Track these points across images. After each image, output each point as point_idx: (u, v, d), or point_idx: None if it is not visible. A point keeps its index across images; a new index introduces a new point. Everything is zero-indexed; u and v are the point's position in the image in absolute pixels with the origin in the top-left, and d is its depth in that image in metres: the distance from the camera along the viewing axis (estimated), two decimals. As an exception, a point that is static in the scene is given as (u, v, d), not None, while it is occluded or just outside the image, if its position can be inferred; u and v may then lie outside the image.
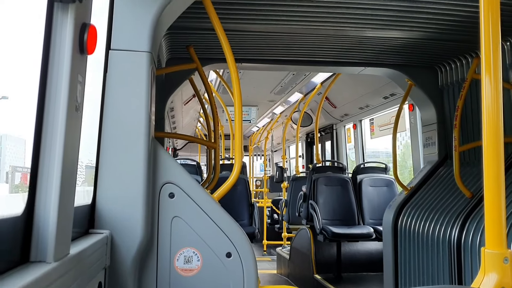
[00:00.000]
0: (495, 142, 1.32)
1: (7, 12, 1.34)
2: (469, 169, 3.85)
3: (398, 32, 3.48)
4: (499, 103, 1.38)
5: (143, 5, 2.11)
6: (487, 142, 1.33)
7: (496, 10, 1.38)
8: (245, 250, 2.23)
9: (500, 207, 1.29)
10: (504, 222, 1.29)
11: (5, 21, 1.34)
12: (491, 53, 1.39)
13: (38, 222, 1.33)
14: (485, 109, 1.38)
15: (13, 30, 1.36)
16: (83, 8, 1.42)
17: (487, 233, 1.29)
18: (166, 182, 2.22)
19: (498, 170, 1.30)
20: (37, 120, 1.36)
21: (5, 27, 1.34)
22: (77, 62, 1.40)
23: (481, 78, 1.39)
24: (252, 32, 3.54)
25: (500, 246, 1.28)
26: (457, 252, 3.33)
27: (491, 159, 1.31)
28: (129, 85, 2.09)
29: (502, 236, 1.28)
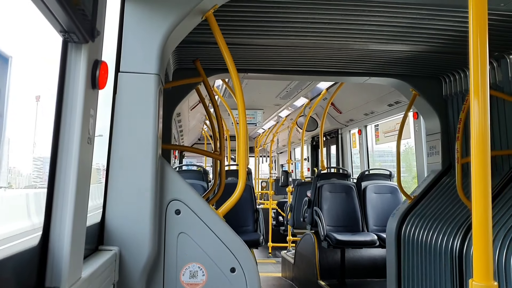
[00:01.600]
0: (482, 176, 1.36)
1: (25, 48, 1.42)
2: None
3: (402, 46, 3.52)
4: (486, 126, 1.40)
5: (151, 29, 2.18)
6: (475, 179, 1.36)
7: (484, 31, 1.42)
8: (249, 265, 2.29)
9: (487, 240, 1.33)
10: (491, 254, 1.34)
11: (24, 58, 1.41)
12: (479, 73, 1.41)
13: (52, 250, 1.40)
14: (474, 131, 1.40)
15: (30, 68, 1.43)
16: (95, 46, 1.49)
17: (475, 265, 1.34)
18: (172, 199, 2.29)
19: (486, 202, 1.35)
20: (52, 151, 1.44)
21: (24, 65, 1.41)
22: (89, 97, 1.47)
23: (470, 99, 1.42)
24: (257, 46, 3.60)
25: (487, 279, 1.33)
26: (458, 262, 3.37)
27: (479, 193, 1.35)
28: (137, 106, 2.17)
29: (489, 268, 1.33)
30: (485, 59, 1.40)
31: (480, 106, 1.39)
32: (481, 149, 1.38)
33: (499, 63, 3.67)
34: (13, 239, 2.84)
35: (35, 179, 5.00)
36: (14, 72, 1.32)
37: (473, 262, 1.34)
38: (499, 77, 3.67)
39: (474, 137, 1.38)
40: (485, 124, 1.38)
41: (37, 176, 4.96)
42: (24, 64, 1.42)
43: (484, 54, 1.40)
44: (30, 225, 3.58)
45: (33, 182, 4.99)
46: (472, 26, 1.42)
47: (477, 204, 1.34)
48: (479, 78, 1.40)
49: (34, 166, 4.66)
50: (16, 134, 1.56)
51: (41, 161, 4.57)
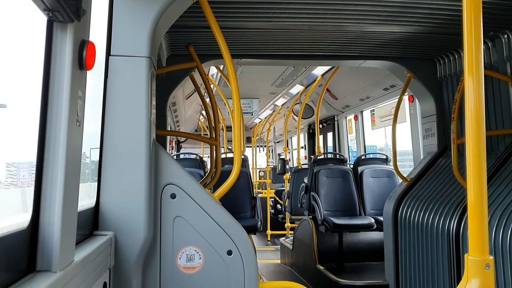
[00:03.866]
0: (478, 154, 1.35)
1: (7, 29, 1.39)
2: None
3: (396, 27, 3.50)
4: (481, 106, 1.40)
5: (141, 11, 2.15)
6: (471, 156, 1.36)
7: (478, 10, 1.40)
8: (245, 248, 2.30)
9: (482, 215, 1.33)
10: (486, 230, 1.34)
11: (6, 37, 1.39)
12: (473, 53, 1.40)
13: (43, 233, 1.39)
14: (469, 113, 1.40)
15: (14, 46, 1.41)
16: (82, 26, 1.47)
17: (471, 240, 1.34)
18: (167, 183, 2.29)
19: (481, 180, 1.34)
20: (40, 133, 1.42)
21: (7, 44, 1.39)
22: (77, 78, 1.45)
23: (464, 80, 1.42)
24: (251, 29, 3.57)
25: (482, 253, 1.32)
26: (455, 242, 3.39)
27: (475, 169, 1.35)
28: (129, 89, 2.15)
29: (484, 243, 1.32)
30: (479, 39, 1.39)
31: (475, 86, 1.38)
32: (477, 128, 1.37)
33: (493, 43, 3.65)
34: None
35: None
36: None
37: (469, 236, 1.34)
38: (493, 57, 3.66)
39: (469, 117, 1.38)
40: (480, 104, 1.38)
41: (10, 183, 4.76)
42: (8, 46, 1.39)
43: (478, 33, 1.39)
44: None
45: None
46: (466, 5, 1.41)
47: (472, 181, 1.34)
48: (473, 58, 1.39)
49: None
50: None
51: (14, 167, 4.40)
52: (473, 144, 1.37)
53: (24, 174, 4.32)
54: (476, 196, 1.35)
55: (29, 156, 1.59)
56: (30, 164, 2.89)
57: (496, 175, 3.47)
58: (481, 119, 1.37)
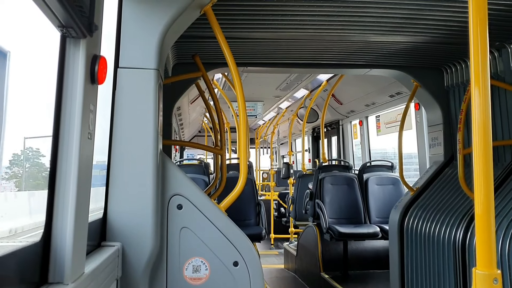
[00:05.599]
0: (485, 165, 1.35)
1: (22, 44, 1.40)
2: None
3: (402, 37, 3.49)
4: (488, 117, 1.39)
5: (149, 24, 2.16)
6: (477, 169, 1.35)
7: (484, 21, 1.40)
8: (251, 259, 2.30)
9: (490, 229, 1.33)
10: (494, 243, 1.34)
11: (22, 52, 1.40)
12: (480, 64, 1.40)
13: (55, 245, 1.40)
14: (476, 122, 1.40)
15: (29, 62, 1.41)
16: (94, 41, 1.47)
17: (478, 254, 1.34)
18: (174, 194, 2.29)
19: (488, 193, 1.34)
20: (53, 147, 1.43)
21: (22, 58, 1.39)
22: (88, 92, 1.46)
23: (471, 89, 1.42)
24: (257, 39, 3.57)
25: (490, 267, 1.33)
26: (461, 253, 3.37)
27: (481, 181, 1.35)
28: (137, 101, 2.15)
29: (492, 257, 1.33)
30: (485, 49, 1.39)
31: (481, 96, 1.38)
32: (483, 139, 1.38)
33: (500, 53, 3.64)
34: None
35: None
36: (13, 67, 1.30)
37: (476, 250, 1.34)
38: (500, 67, 3.65)
39: (476, 127, 1.38)
40: (487, 114, 1.38)
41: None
42: (22, 60, 1.40)
43: (484, 43, 1.39)
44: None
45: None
46: (472, 15, 1.41)
47: (479, 192, 1.34)
48: (479, 68, 1.39)
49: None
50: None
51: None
52: (480, 155, 1.37)
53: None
54: (483, 208, 1.35)
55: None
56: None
57: (503, 185, 3.45)
58: (488, 129, 1.38)
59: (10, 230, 2.22)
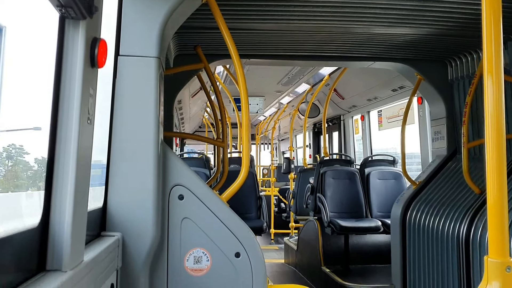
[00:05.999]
0: (498, 151, 1.32)
1: (20, 26, 1.36)
2: (478, 164, 3.84)
3: (406, 29, 3.45)
4: (501, 105, 1.37)
5: (150, 11, 2.12)
6: (490, 154, 1.33)
7: (498, 10, 1.37)
8: (253, 250, 2.27)
9: (503, 217, 1.31)
10: (507, 232, 1.31)
11: (19, 34, 1.36)
12: (493, 52, 1.38)
13: (53, 232, 1.37)
14: (488, 110, 1.38)
15: (26, 44, 1.38)
16: (94, 23, 1.44)
17: (490, 242, 1.32)
18: (175, 184, 2.26)
19: (501, 182, 1.31)
20: (51, 132, 1.40)
21: (19, 40, 1.36)
22: (88, 75, 1.42)
23: (484, 78, 1.39)
24: (259, 30, 3.53)
25: (503, 255, 1.31)
26: (465, 248, 3.35)
27: (495, 170, 1.32)
28: (138, 90, 2.12)
29: (505, 245, 1.30)
30: (499, 38, 1.36)
31: (495, 86, 1.36)
32: (496, 129, 1.35)
33: (506, 46, 3.60)
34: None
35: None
36: (8, 43, 1.27)
37: (488, 238, 1.32)
38: (505, 60, 3.60)
39: (489, 118, 1.36)
40: (500, 105, 1.36)
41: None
42: (19, 35, 1.36)
43: (498, 33, 1.37)
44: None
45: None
46: (486, 6, 1.37)
47: (492, 179, 1.31)
48: (493, 58, 1.36)
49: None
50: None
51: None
52: (492, 144, 1.35)
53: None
54: (496, 197, 1.34)
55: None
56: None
57: (509, 179, 3.42)
58: (501, 120, 1.36)
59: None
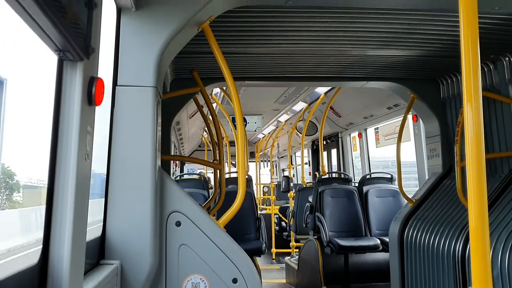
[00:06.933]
0: (478, 180, 1.35)
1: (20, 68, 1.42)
2: None
3: (398, 51, 3.53)
4: (480, 130, 1.39)
5: (147, 43, 2.19)
6: (471, 184, 1.35)
7: (475, 36, 1.41)
8: (250, 275, 2.29)
9: (485, 246, 1.32)
10: (489, 261, 1.33)
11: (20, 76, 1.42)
12: (471, 78, 1.40)
13: (52, 268, 1.40)
14: (468, 136, 1.39)
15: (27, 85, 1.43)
16: (91, 63, 1.50)
17: (473, 272, 1.33)
18: (172, 211, 2.30)
19: (482, 212, 1.34)
20: (50, 168, 1.44)
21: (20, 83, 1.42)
22: (86, 113, 1.48)
23: (463, 104, 1.42)
24: (254, 54, 3.61)
25: (486, 285, 1.32)
26: (461, 265, 3.36)
27: (475, 198, 1.34)
28: (135, 119, 2.17)
29: (487, 275, 1.32)
30: (476, 63, 1.40)
31: (474, 110, 1.39)
32: (476, 154, 1.37)
33: (495, 65, 3.67)
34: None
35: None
36: (10, 94, 1.32)
37: (472, 268, 1.33)
38: (495, 79, 3.68)
39: (469, 141, 1.38)
40: (479, 128, 1.38)
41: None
42: (19, 86, 1.42)
43: (475, 57, 1.40)
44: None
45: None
46: (463, 30, 1.42)
47: (474, 211, 1.34)
48: (471, 82, 1.40)
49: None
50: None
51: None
52: (473, 171, 1.36)
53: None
54: (477, 226, 1.34)
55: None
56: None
57: (501, 197, 3.45)
58: (480, 145, 1.37)
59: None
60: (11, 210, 3.74)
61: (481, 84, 1.50)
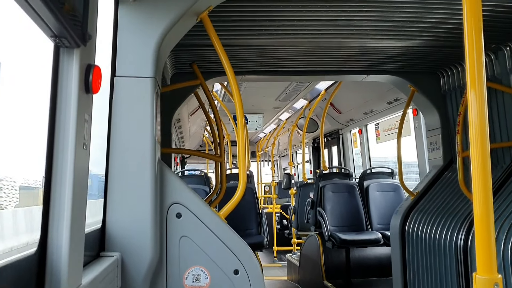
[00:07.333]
0: (483, 169, 1.34)
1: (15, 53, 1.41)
2: None
3: (399, 41, 3.52)
4: (485, 119, 1.38)
5: (145, 33, 2.18)
6: (475, 172, 1.35)
7: (479, 24, 1.40)
8: (252, 267, 2.28)
9: (489, 232, 1.31)
10: (494, 247, 1.32)
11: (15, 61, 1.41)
12: (475, 66, 1.39)
13: (51, 257, 1.39)
14: (472, 124, 1.39)
15: (22, 71, 1.43)
16: (88, 51, 1.49)
17: (478, 258, 1.32)
18: (173, 203, 2.29)
19: (487, 198, 1.33)
20: (47, 157, 1.44)
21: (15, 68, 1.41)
22: (83, 101, 1.47)
23: (467, 92, 1.41)
24: (254, 46, 3.60)
25: (490, 272, 1.30)
26: (463, 256, 3.35)
27: (480, 186, 1.34)
28: (134, 110, 2.17)
29: (492, 261, 1.31)
30: (480, 52, 1.39)
31: (478, 99, 1.38)
32: (480, 142, 1.37)
33: (496, 55, 3.66)
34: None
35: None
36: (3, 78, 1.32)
37: (476, 255, 1.32)
38: (497, 69, 3.66)
39: (473, 130, 1.37)
40: (483, 117, 1.37)
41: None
42: (14, 72, 1.41)
43: (479, 46, 1.39)
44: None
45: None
46: (467, 18, 1.41)
47: (478, 197, 1.32)
48: (475, 71, 1.39)
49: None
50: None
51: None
52: (477, 157, 1.36)
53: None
54: (482, 212, 1.33)
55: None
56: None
57: (503, 187, 3.44)
58: (484, 131, 1.37)
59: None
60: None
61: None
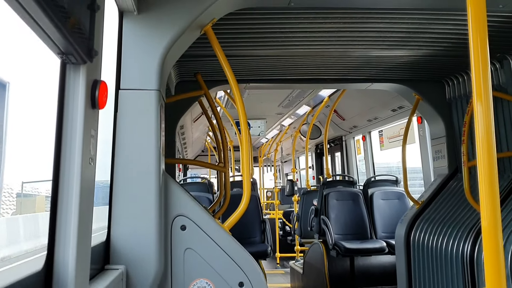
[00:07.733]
0: (490, 179, 1.32)
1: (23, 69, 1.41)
2: None
3: (403, 51, 3.51)
4: (491, 128, 1.37)
5: (149, 46, 2.18)
6: (482, 183, 1.33)
7: (484, 33, 1.40)
8: (257, 279, 2.27)
9: (498, 246, 1.30)
10: (503, 261, 1.31)
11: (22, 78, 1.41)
12: (481, 76, 1.38)
13: (57, 273, 1.39)
14: (479, 134, 1.37)
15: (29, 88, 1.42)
16: (94, 66, 1.49)
17: (487, 272, 1.31)
18: (177, 215, 2.28)
19: (495, 209, 1.31)
20: (54, 173, 1.43)
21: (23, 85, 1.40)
22: (89, 117, 1.47)
23: (473, 102, 1.40)
24: (258, 56, 3.60)
25: (499, 286, 1.29)
26: (470, 267, 3.32)
27: (487, 197, 1.32)
28: (139, 123, 2.16)
29: (501, 276, 1.29)
30: (486, 61, 1.38)
31: (484, 109, 1.37)
32: (487, 151, 1.35)
33: (501, 64, 3.65)
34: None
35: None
36: (12, 97, 1.31)
37: (485, 268, 1.31)
38: (502, 79, 3.65)
39: (480, 140, 1.36)
40: (489, 127, 1.36)
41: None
42: (22, 90, 1.41)
43: (485, 56, 1.38)
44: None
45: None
46: (472, 28, 1.40)
47: (486, 208, 1.31)
48: (481, 80, 1.38)
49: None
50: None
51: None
52: (484, 169, 1.34)
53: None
54: (490, 223, 1.32)
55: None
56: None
57: (509, 197, 3.42)
58: (491, 142, 1.35)
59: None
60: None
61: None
